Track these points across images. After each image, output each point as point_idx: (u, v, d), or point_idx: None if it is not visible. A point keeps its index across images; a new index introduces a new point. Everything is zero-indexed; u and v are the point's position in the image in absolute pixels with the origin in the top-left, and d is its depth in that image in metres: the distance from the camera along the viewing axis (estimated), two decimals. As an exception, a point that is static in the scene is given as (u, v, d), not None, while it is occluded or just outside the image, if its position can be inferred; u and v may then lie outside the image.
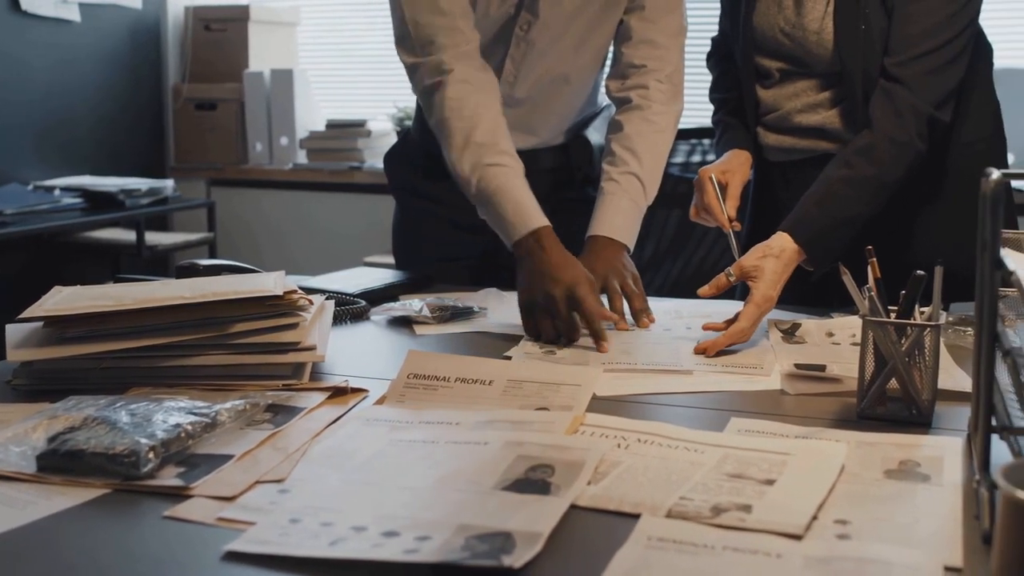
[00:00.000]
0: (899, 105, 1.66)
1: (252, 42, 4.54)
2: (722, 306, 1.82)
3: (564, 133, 2.08)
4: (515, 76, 1.95)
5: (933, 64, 1.67)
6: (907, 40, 1.67)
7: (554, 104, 2.02)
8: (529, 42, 1.91)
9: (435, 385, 1.33)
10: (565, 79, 1.98)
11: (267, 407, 1.24)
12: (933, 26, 1.66)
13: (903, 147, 1.66)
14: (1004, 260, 0.94)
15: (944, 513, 0.95)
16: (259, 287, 1.39)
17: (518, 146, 1.97)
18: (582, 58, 1.97)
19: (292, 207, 4.51)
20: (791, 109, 1.83)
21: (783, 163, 1.90)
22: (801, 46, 1.76)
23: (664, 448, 1.10)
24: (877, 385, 1.22)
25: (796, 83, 1.82)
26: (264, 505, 0.98)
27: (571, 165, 2.08)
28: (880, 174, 1.66)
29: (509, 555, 0.85)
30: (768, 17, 1.81)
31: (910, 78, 1.66)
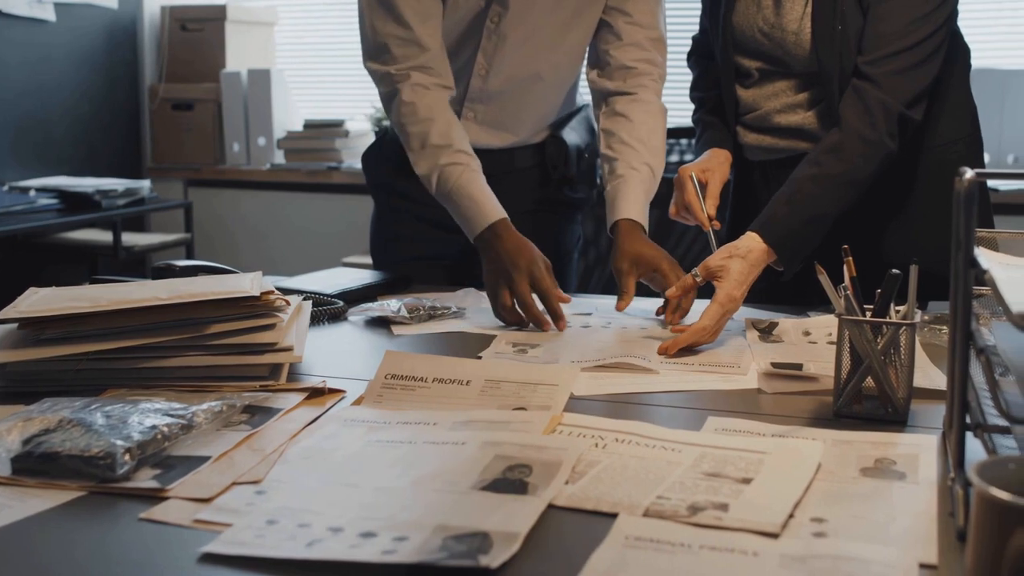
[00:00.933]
0: (869, 103, 1.67)
1: (229, 42, 4.52)
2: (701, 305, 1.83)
3: (540, 133, 2.08)
4: (487, 70, 1.96)
5: (904, 63, 1.67)
6: (879, 39, 1.68)
7: (529, 102, 2.02)
8: (500, 35, 1.91)
9: (413, 385, 1.33)
10: (539, 76, 1.99)
11: (244, 408, 1.23)
12: (904, 26, 1.67)
13: (872, 145, 1.67)
14: (978, 259, 0.94)
15: (919, 511, 0.96)
16: (236, 288, 1.39)
17: (494, 144, 1.99)
18: (556, 56, 1.97)
19: (270, 207, 4.50)
20: (771, 109, 1.83)
21: (763, 162, 1.91)
22: (780, 46, 1.77)
23: (641, 447, 1.10)
24: (853, 383, 1.23)
25: (775, 83, 1.83)
26: (241, 507, 0.98)
27: (547, 165, 2.08)
28: (849, 172, 1.66)
29: (486, 555, 0.85)
30: (747, 17, 1.81)
31: (881, 77, 1.67)
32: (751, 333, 1.60)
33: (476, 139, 1.98)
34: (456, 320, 1.75)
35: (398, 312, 1.72)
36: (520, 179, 2.07)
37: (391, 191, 2.15)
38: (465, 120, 2.00)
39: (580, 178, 2.14)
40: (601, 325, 1.69)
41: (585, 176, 2.16)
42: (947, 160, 1.77)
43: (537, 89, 2.01)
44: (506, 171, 2.04)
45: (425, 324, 1.72)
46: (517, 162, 2.06)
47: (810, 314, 1.70)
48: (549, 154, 2.08)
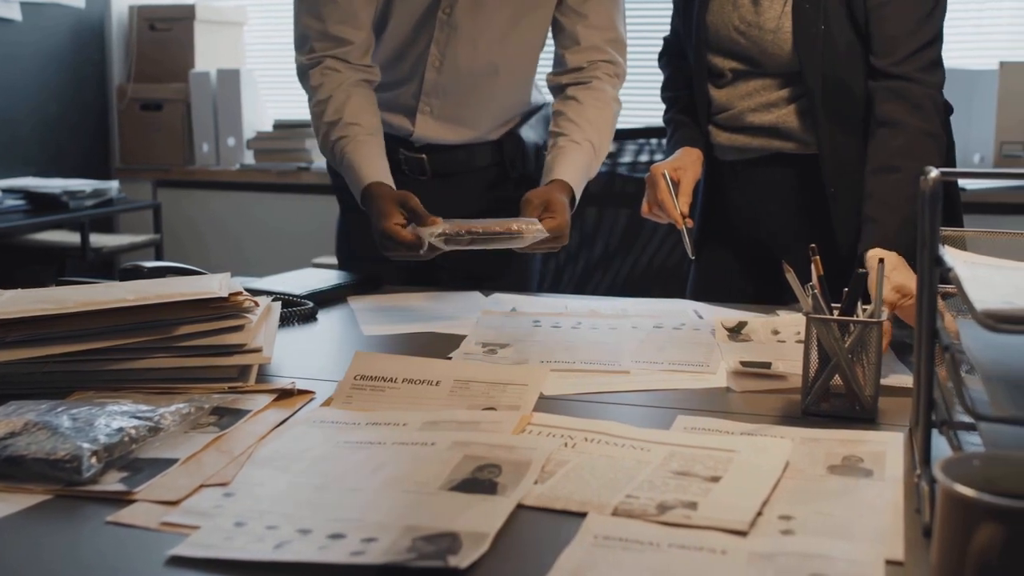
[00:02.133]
0: (918, 100, 1.70)
1: (198, 42, 4.50)
2: (670, 304, 1.84)
3: (498, 130, 2.09)
4: (441, 61, 1.96)
5: (930, 58, 1.72)
6: (895, 40, 1.71)
7: (485, 95, 2.03)
8: (453, 26, 1.92)
9: (382, 386, 1.32)
10: (494, 69, 2.00)
11: (212, 410, 1.23)
12: (915, 24, 1.71)
13: (936, 139, 1.70)
14: (943, 257, 0.95)
15: (886, 507, 0.96)
16: (204, 289, 1.38)
17: (450, 139, 2.00)
18: (510, 49, 1.98)
19: (240, 208, 4.48)
20: (744, 108, 1.84)
21: (733, 162, 1.92)
22: (756, 45, 1.78)
23: (611, 447, 1.10)
24: (821, 382, 1.24)
25: (749, 82, 1.83)
26: (208, 509, 0.97)
27: (505, 163, 2.09)
28: (919, 169, 1.68)
29: (455, 555, 0.85)
30: (722, 15, 1.82)
31: (915, 73, 1.70)
32: (720, 332, 1.61)
33: (432, 134, 2.00)
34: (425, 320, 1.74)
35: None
36: (478, 177, 2.09)
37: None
38: (421, 115, 2.02)
39: (538, 176, 2.14)
40: (571, 326, 1.69)
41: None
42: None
43: (492, 82, 2.02)
44: (465, 169, 2.05)
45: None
46: (475, 160, 2.07)
47: (779, 313, 1.71)
48: (507, 152, 2.09)
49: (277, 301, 1.60)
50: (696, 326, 1.67)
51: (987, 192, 3.44)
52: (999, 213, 3.44)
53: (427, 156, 2.06)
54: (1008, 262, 1.09)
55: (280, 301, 1.63)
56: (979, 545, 0.70)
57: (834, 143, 1.78)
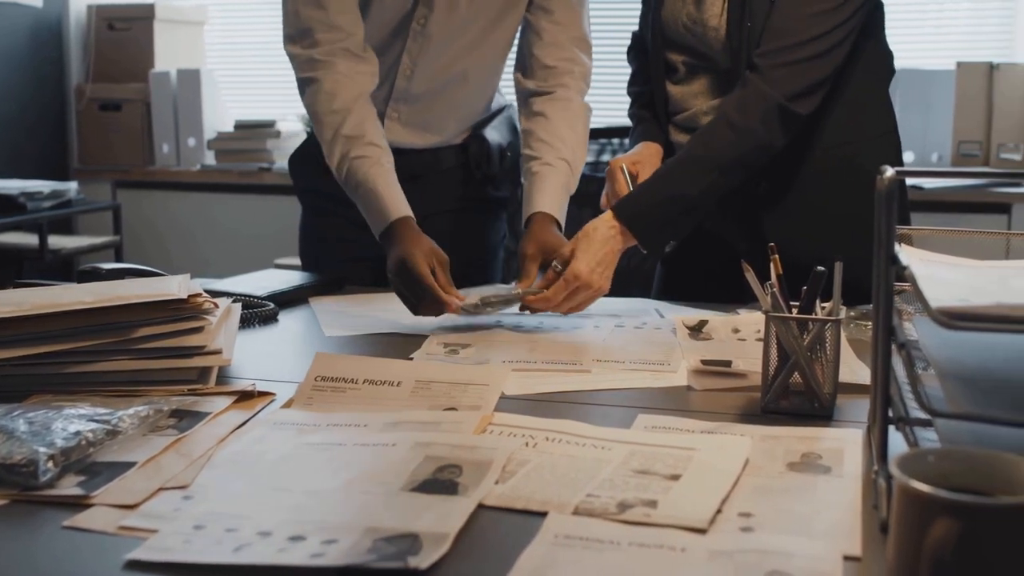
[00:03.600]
0: (747, 92, 1.70)
1: (158, 41, 4.46)
2: (632, 303, 1.85)
3: (463, 133, 2.09)
4: (412, 71, 1.96)
5: (792, 57, 1.69)
6: (774, 32, 1.70)
7: (453, 102, 2.03)
8: (427, 36, 1.91)
9: (343, 387, 1.32)
10: (464, 77, 1.99)
11: (171, 412, 1.22)
12: (800, 21, 1.69)
13: (740, 133, 1.69)
14: (898, 256, 0.96)
15: (844, 504, 0.97)
16: (162, 291, 1.37)
17: (417, 144, 1.99)
18: (481, 56, 1.98)
19: (201, 209, 4.45)
20: (698, 110, 1.85)
21: None
22: (702, 41, 1.79)
23: (572, 446, 1.11)
24: (780, 379, 1.25)
25: (701, 78, 1.84)
26: (167, 512, 0.96)
27: (470, 164, 2.09)
28: (711, 156, 1.70)
29: (416, 556, 0.85)
30: (673, 11, 1.83)
31: (767, 68, 1.69)
32: (681, 331, 1.61)
33: (400, 139, 1.99)
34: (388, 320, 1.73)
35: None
36: (444, 179, 2.09)
37: (317, 193, 2.15)
38: (389, 120, 2.01)
39: (503, 176, 2.16)
40: (533, 325, 1.69)
41: (508, 174, 2.17)
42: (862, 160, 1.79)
43: (461, 90, 2.02)
44: (430, 171, 2.05)
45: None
46: (441, 162, 2.08)
47: (740, 312, 1.72)
48: (472, 153, 2.09)
49: (237, 302, 1.59)
50: (657, 325, 1.68)
51: (945, 191, 3.47)
52: (957, 211, 3.47)
53: (393, 158, 2.04)
54: (963, 260, 1.10)
55: (240, 302, 1.62)
56: (934, 540, 0.71)
57: None
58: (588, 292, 1.65)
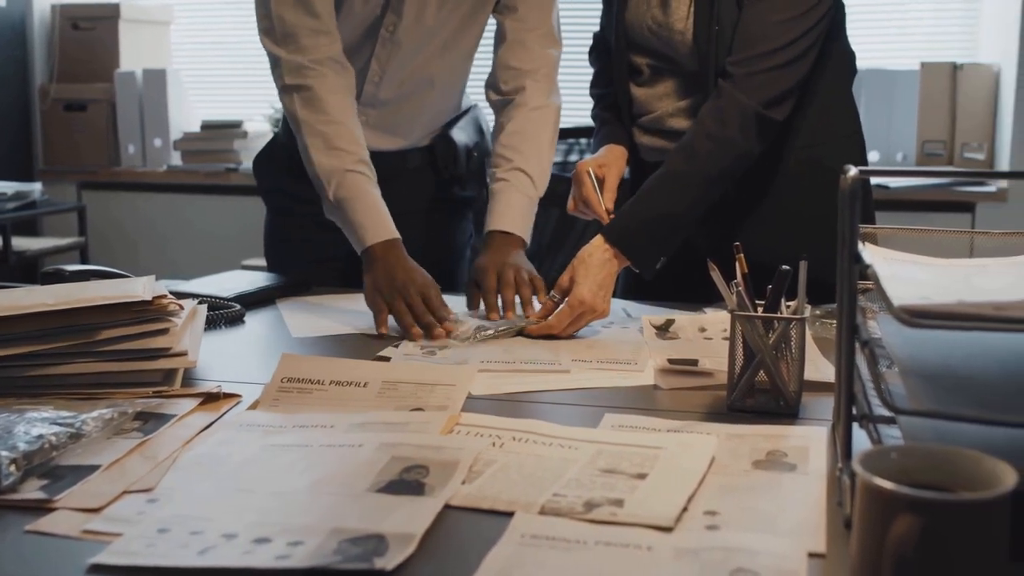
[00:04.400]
0: (724, 102, 1.69)
1: (123, 41, 4.43)
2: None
3: (430, 134, 2.10)
4: (380, 77, 1.96)
5: (767, 64, 1.69)
6: (746, 40, 1.70)
7: (420, 106, 2.04)
8: (395, 43, 1.92)
9: (309, 388, 1.31)
10: (430, 82, 2.01)
11: (136, 415, 1.21)
12: (772, 27, 1.68)
13: (720, 144, 1.69)
14: (862, 254, 0.97)
15: (809, 501, 0.98)
16: (127, 292, 1.36)
17: (384, 147, 2.00)
18: (448, 61, 1.99)
19: (167, 210, 4.42)
20: (664, 112, 1.85)
21: (657, 163, 1.93)
22: (668, 44, 1.79)
23: (538, 445, 1.11)
24: (746, 378, 1.25)
25: (666, 81, 1.84)
26: (131, 516, 0.96)
27: (437, 165, 2.10)
28: (694, 170, 1.69)
29: (382, 557, 0.85)
30: (638, 14, 1.83)
31: (741, 77, 1.69)
32: (648, 330, 1.62)
33: (368, 142, 1.99)
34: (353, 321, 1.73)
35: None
36: (411, 180, 2.09)
37: (282, 193, 2.15)
38: None
39: (469, 176, 2.17)
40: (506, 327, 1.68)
41: (474, 174, 2.19)
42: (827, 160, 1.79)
43: (428, 94, 2.03)
44: (397, 173, 2.06)
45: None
46: (408, 164, 2.09)
47: (706, 311, 1.72)
48: (439, 154, 2.10)
49: (203, 304, 1.58)
50: (624, 324, 1.68)
51: (909, 190, 3.50)
52: (922, 210, 3.50)
53: None
54: (925, 258, 1.11)
55: (206, 304, 1.61)
56: (896, 536, 0.72)
57: None
58: (592, 316, 1.63)
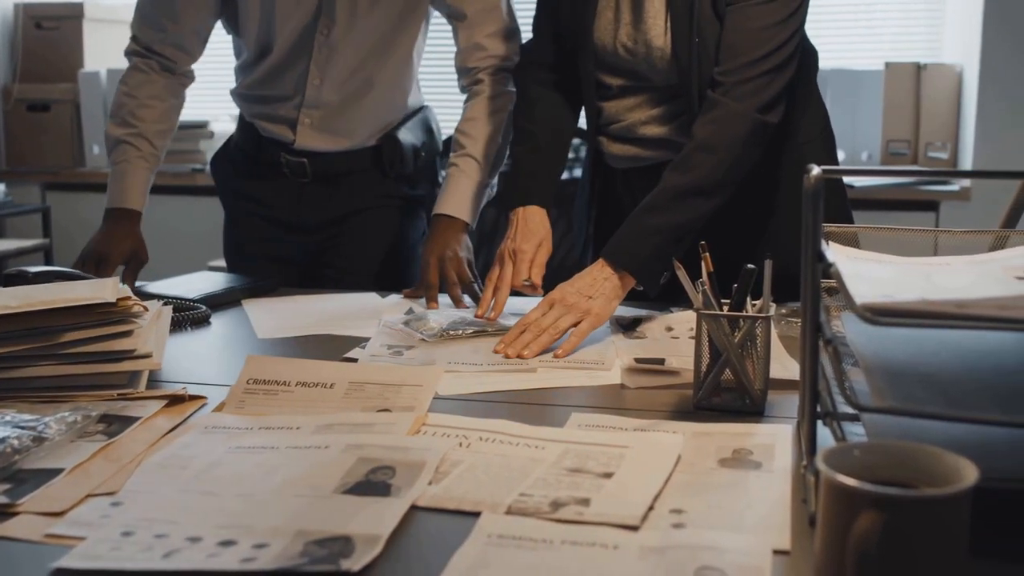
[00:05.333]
0: (719, 112, 1.67)
1: (87, 41, 4.39)
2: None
3: (376, 135, 2.14)
4: (320, 80, 2.03)
5: (756, 72, 1.67)
6: (733, 49, 1.68)
7: (361, 107, 2.09)
8: (331, 46, 1.99)
9: (275, 390, 1.31)
10: (370, 83, 2.06)
11: (100, 418, 1.20)
12: (757, 34, 1.67)
13: (719, 153, 1.66)
14: (825, 253, 0.98)
15: (774, 498, 0.98)
16: (91, 294, 1.35)
17: (329, 148, 2.05)
18: (386, 62, 2.05)
19: (133, 211, 4.37)
20: (634, 121, 1.84)
21: (626, 170, 1.93)
22: (644, 61, 1.76)
23: (505, 445, 1.11)
24: (712, 376, 1.26)
25: (637, 96, 1.84)
26: (95, 519, 0.95)
27: (383, 164, 2.13)
28: (692, 182, 1.65)
29: (348, 559, 0.85)
30: (607, 32, 1.81)
31: (732, 85, 1.67)
32: (615, 329, 1.62)
33: (313, 143, 2.05)
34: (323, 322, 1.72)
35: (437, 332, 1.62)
36: (359, 180, 2.15)
37: (239, 195, 2.18)
38: (301, 126, 2.08)
39: (418, 175, 2.21)
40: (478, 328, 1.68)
41: (423, 173, 2.23)
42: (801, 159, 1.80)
43: (368, 95, 2.08)
44: (345, 173, 2.10)
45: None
46: (355, 164, 2.13)
47: (672, 310, 1.73)
48: (385, 154, 2.13)
49: (168, 305, 1.57)
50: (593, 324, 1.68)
51: (874, 189, 3.53)
52: (887, 209, 3.53)
53: (308, 160, 2.11)
54: (888, 257, 1.12)
55: (172, 305, 1.60)
56: (859, 532, 0.72)
57: None
58: (562, 307, 1.57)
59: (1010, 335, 1.11)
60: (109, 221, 2.05)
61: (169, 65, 2.10)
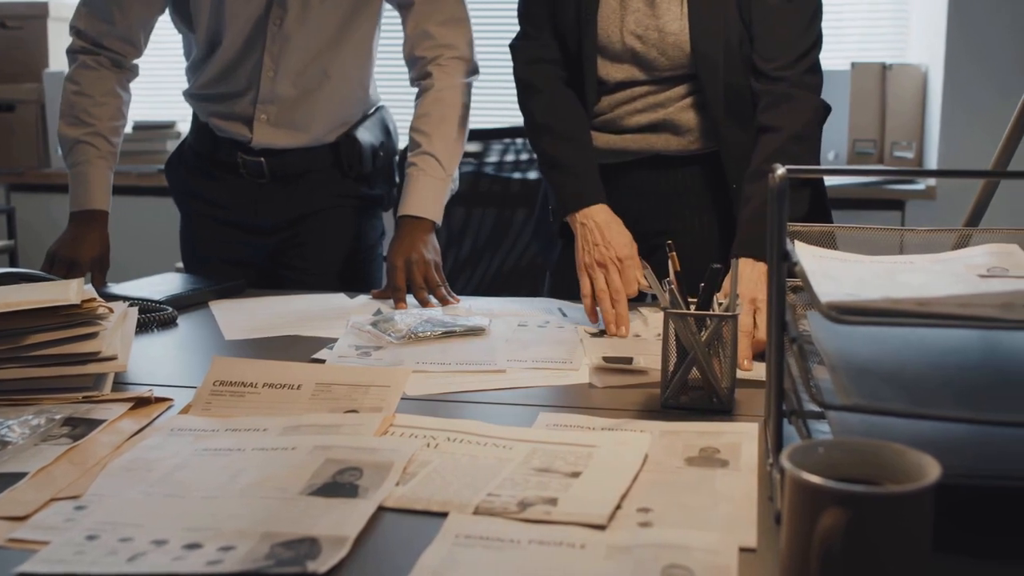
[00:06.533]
0: (798, 104, 1.74)
1: (52, 40, 4.35)
2: (536, 303, 1.85)
3: (334, 132, 2.13)
4: (275, 71, 2.02)
5: (810, 62, 1.76)
6: (785, 44, 1.75)
7: (318, 101, 2.08)
8: (284, 36, 1.99)
9: (242, 391, 1.30)
10: (325, 73, 2.05)
11: (65, 421, 1.19)
12: (803, 26, 1.76)
13: (809, 142, 1.74)
14: (790, 251, 0.98)
15: (741, 496, 0.99)
16: (55, 296, 1.34)
17: (287, 144, 2.06)
18: (341, 53, 2.04)
19: (99, 212, 4.34)
20: (625, 111, 1.85)
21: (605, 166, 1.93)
22: (656, 47, 1.79)
23: (473, 446, 1.11)
24: (679, 375, 1.26)
25: (632, 89, 1.84)
26: (59, 523, 0.94)
27: (342, 164, 2.13)
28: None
29: (314, 560, 0.84)
30: (613, 21, 1.81)
31: (797, 77, 1.74)
32: (584, 329, 1.63)
33: (270, 140, 2.04)
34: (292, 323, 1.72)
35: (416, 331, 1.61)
36: (317, 179, 2.14)
37: (195, 197, 2.19)
38: (258, 122, 2.07)
39: (376, 175, 2.21)
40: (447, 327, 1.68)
41: (382, 173, 2.23)
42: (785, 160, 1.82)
43: (324, 88, 2.07)
44: (302, 172, 2.10)
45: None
46: (313, 163, 2.13)
47: (641, 309, 1.73)
48: (343, 153, 2.14)
49: (134, 306, 1.56)
50: (560, 324, 1.69)
51: (841, 188, 3.55)
52: (853, 208, 3.55)
53: (265, 159, 2.10)
54: (853, 255, 1.13)
55: (137, 306, 1.59)
56: (823, 529, 0.73)
57: (733, 140, 1.81)
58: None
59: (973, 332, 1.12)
60: (76, 224, 2.04)
61: (118, 59, 2.10)
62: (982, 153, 3.57)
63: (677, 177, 1.88)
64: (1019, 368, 1.05)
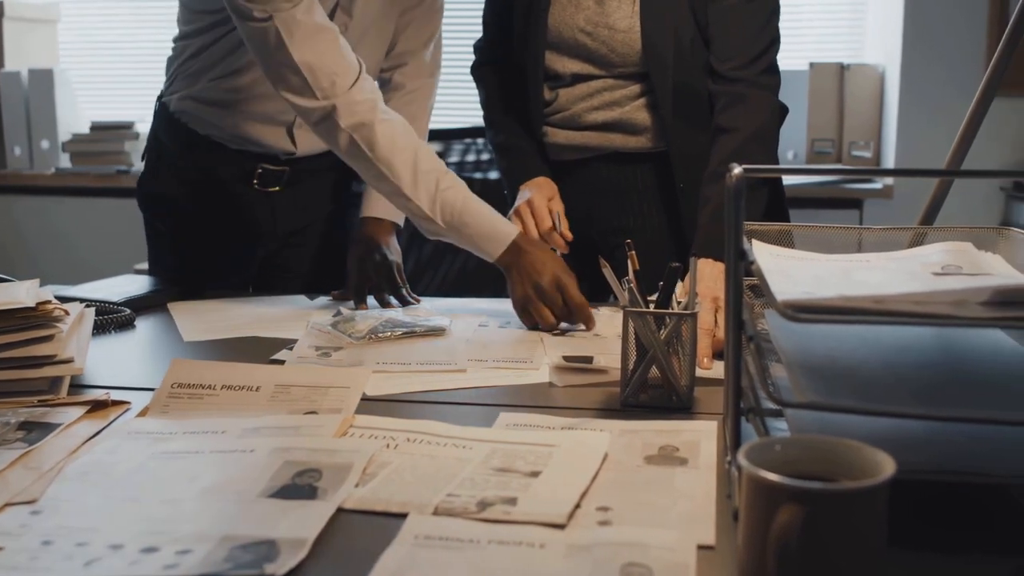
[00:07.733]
0: (755, 104, 1.75)
1: (7, 40, 4.30)
2: (497, 303, 1.85)
3: None
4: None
5: (767, 63, 1.78)
6: (741, 44, 1.77)
7: None
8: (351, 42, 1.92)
9: (200, 394, 1.29)
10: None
11: (19, 425, 1.18)
12: (759, 27, 1.77)
13: (767, 142, 1.76)
14: (746, 250, 0.99)
15: (699, 494, 0.99)
16: (9, 299, 1.32)
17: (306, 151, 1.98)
18: (375, 57, 2.00)
19: (56, 214, 4.30)
20: (583, 108, 1.86)
21: (566, 162, 1.94)
22: (606, 44, 1.80)
23: (433, 446, 1.11)
24: (639, 374, 1.27)
25: (590, 83, 1.85)
26: (13, 529, 0.93)
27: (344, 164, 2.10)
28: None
29: (273, 563, 0.84)
30: (564, 17, 1.82)
31: (754, 77, 1.76)
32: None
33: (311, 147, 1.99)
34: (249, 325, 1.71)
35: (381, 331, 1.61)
36: (328, 178, 2.12)
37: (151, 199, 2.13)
38: (299, 129, 1.98)
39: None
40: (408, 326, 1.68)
41: None
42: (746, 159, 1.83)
43: None
44: (315, 171, 2.06)
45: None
46: (325, 162, 2.08)
47: (600, 308, 1.74)
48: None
49: (91, 308, 1.54)
50: (521, 324, 1.69)
51: (800, 187, 3.58)
52: (812, 207, 3.59)
53: (290, 168, 2.03)
54: (810, 254, 1.14)
55: (94, 308, 1.58)
56: (779, 525, 0.73)
57: (681, 140, 1.82)
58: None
59: (927, 330, 1.13)
60: (527, 250, 1.76)
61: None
62: (938, 152, 3.61)
63: (633, 174, 1.89)
64: (973, 365, 1.07)
